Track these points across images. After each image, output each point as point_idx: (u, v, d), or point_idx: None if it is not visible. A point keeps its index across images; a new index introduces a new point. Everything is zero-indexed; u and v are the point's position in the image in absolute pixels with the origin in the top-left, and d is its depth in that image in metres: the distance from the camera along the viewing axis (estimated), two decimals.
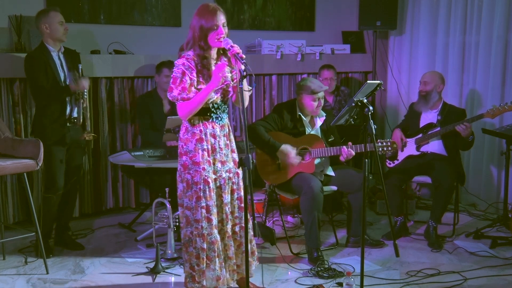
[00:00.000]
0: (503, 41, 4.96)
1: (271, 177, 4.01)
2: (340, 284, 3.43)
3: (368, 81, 4.12)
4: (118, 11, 4.93)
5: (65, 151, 3.96)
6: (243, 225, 3.22)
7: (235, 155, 3.24)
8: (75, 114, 3.95)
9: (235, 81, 3.13)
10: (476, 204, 5.21)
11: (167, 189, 3.92)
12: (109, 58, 4.72)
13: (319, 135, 4.05)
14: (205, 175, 3.06)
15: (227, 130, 3.21)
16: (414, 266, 3.76)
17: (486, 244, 4.14)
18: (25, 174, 3.59)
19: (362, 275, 2.96)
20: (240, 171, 3.18)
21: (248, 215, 2.78)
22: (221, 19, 3.01)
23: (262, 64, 5.39)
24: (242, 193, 3.21)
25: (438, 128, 4.38)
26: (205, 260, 3.10)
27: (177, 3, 5.16)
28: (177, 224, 3.93)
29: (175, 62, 3.07)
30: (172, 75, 3.06)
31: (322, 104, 4.02)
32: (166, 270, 3.67)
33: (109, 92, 4.82)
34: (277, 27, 5.76)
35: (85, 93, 3.92)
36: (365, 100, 3.02)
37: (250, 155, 2.73)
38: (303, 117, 4.03)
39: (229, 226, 3.20)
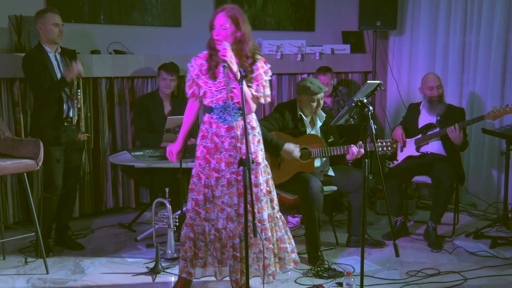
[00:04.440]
0: (503, 41, 4.96)
1: None
2: (340, 284, 3.43)
3: (368, 81, 4.12)
4: (118, 11, 4.93)
5: (63, 151, 3.95)
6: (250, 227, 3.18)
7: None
8: (71, 114, 3.94)
9: (230, 81, 3.07)
10: (476, 204, 5.20)
11: (167, 189, 3.92)
12: (109, 58, 4.72)
13: (319, 135, 4.06)
14: (199, 170, 3.15)
15: (239, 132, 3.10)
16: (414, 266, 3.76)
17: (486, 244, 4.14)
18: (25, 174, 3.59)
19: (362, 275, 2.96)
20: (252, 175, 3.14)
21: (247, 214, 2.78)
22: (220, 19, 3.02)
23: None
24: (253, 198, 3.13)
25: (438, 129, 4.38)
26: (193, 249, 3.18)
27: (177, 3, 5.16)
28: (177, 224, 3.93)
29: None
30: None
31: (322, 105, 4.02)
32: (166, 270, 3.67)
33: (109, 92, 4.81)
34: (277, 27, 5.76)
35: (79, 93, 3.90)
36: (365, 100, 3.02)
37: (250, 155, 2.73)
38: (304, 116, 4.04)
39: (233, 226, 3.16)
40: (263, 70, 3.14)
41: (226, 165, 3.13)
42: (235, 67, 2.94)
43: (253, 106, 3.14)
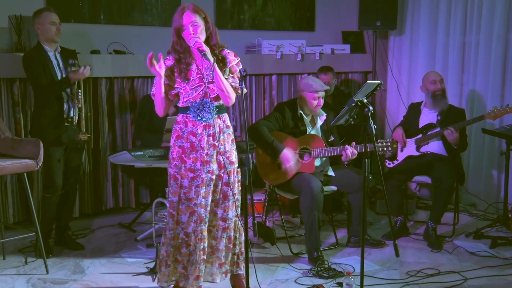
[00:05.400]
0: (503, 41, 4.96)
1: (271, 177, 4.01)
2: (340, 284, 3.43)
3: (368, 81, 4.11)
4: (118, 11, 4.93)
5: (63, 151, 3.95)
6: (210, 228, 3.21)
7: (223, 158, 3.13)
8: (72, 114, 3.94)
9: (206, 76, 3.06)
10: (476, 204, 5.20)
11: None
12: (109, 58, 4.72)
13: (320, 134, 4.06)
14: (175, 171, 3.12)
15: (216, 130, 3.09)
16: (414, 266, 3.76)
17: (486, 244, 4.14)
18: (25, 174, 3.59)
19: (362, 275, 2.96)
20: (223, 174, 3.14)
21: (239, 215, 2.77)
22: (189, 18, 2.99)
23: (262, 64, 5.39)
24: (219, 197, 3.17)
25: (438, 129, 4.38)
26: (164, 255, 3.16)
27: (177, 3, 5.15)
28: None
29: None
30: None
31: (322, 103, 4.02)
32: None
33: (109, 92, 4.82)
34: (277, 27, 5.76)
35: (80, 93, 3.91)
36: (365, 100, 3.02)
37: (250, 155, 2.73)
38: (304, 116, 4.04)
39: (204, 228, 3.13)
40: (235, 63, 3.15)
41: (202, 164, 3.08)
42: (211, 58, 2.96)
43: (233, 97, 3.12)
